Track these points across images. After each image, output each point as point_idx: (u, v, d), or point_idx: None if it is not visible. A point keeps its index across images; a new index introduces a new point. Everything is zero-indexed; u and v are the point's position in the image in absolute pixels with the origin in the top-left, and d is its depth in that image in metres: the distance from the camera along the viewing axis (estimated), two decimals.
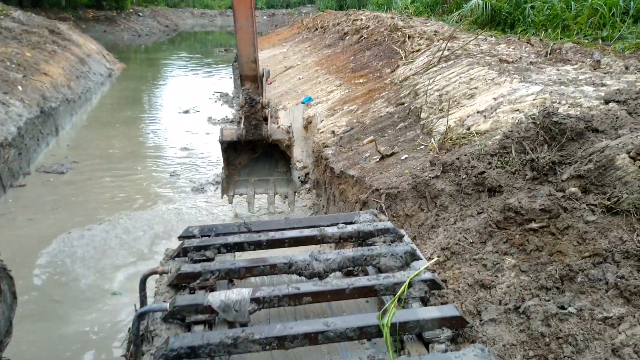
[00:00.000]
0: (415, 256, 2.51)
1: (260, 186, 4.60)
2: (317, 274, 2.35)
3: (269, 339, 1.94)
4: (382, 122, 5.92)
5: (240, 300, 2.06)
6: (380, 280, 2.25)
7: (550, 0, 10.87)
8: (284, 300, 2.14)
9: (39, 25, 13.43)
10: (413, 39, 8.72)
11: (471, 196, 4.06)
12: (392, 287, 2.24)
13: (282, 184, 4.60)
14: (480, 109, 4.95)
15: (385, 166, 4.76)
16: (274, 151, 4.46)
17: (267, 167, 4.62)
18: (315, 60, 11.31)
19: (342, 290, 2.21)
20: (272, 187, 4.59)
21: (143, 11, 32.33)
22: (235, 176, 4.57)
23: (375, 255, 2.44)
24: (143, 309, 2.06)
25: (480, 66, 5.95)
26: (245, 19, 3.38)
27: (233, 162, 4.48)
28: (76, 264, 5.03)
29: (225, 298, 2.07)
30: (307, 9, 39.24)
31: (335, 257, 2.40)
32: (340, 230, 2.79)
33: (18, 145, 7.03)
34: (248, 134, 4.02)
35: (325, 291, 2.21)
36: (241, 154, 4.48)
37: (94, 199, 6.54)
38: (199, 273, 2.26)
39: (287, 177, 4.63)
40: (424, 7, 16.78)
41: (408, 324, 2.05)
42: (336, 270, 2.41)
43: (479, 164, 4.10)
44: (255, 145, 4.37)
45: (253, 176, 4.59)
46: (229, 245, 2.56)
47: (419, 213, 4.14)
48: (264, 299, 2.11)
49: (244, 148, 4.39)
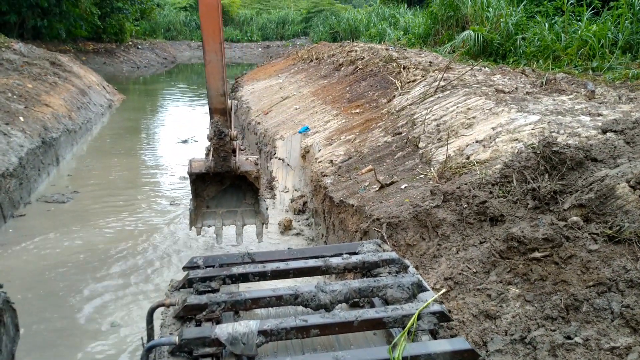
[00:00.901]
0: (422, 287, 2.49)
1: (229, 217, 4.59)
2: (324, 305, 2.33)
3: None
4: (380, 152, 5.97)
5: (248, 333, 2.03)
6: (389, 313, 2.23)
7: (541, 32, 11.12)
8: (291, 332, 2.11)
9: (40, 57, 13.58)
10: (408, 69, 8.86)
11: (473, 225, 4.08)
12: (401, 320, 2.21)
13: (250, 215, 4.61)
14: (479, 138, 5.01)
15: (384, 195, 4.78)
16: (242, 183, 4.46)
17: (235, 198, 4.62)
18: (311, 90, 11.44)
19: (350, 323, 2.18)
20: (240, 219, 4.58)
21: (142, 44, 32.75)
22: (204, 208, 4.55)
23: (382, 286, 2.43)
24: (152, 342, 2.04)
25: (477, 96, 6.04)
26: (215, 53, 3.44)
27: (201, 193, 4.49)
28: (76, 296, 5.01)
29: (232, 331, 2.05)
30: (301, 40, 39.82)
31: (341, 289, 2.39)
32: (345, 261, 2.78)
33: (19, 175, 7.05)
34: (217, 166, 4.04)
35: (333, 324, 2.18)
36: (209, 185, 4.48)
37: (95, 229, 6.52)
38: (205, 305, 2.25)
39: (255, 209, 4.62)
40: (416, 38, 17.08)
41: (419, 358, 2.01)
42: (342, 301, 2.39)
43: (480, 193, 4.13)
44: (224, 177, 4.37)
45: (221, 208, 4.58)
46: (234, 276, 2.55)
47: (421, 242, 4.15)
48: (272, 331, 2.08)
49: (212, 180, 4.39)
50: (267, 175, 8.50)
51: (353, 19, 26.80)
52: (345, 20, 27.30)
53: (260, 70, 19.17)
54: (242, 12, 47.27)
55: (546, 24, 11.10)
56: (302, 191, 7.09)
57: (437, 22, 16.16)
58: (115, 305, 4.87)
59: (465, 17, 14.90)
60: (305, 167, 7.24)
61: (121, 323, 4.59)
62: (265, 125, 10.02)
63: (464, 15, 14.86)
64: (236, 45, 41.95)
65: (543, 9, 13.59)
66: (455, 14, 15.18)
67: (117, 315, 4.70)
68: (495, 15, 13.42)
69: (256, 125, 10.47)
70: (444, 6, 15.46)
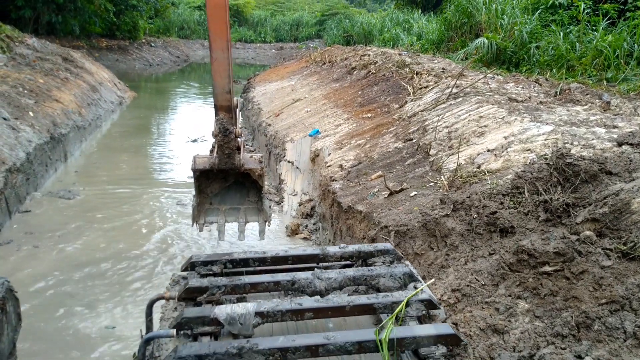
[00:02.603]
0: (413, 278, 2.57)
1: (231, 215, 4.59)
2: (319, 292, 2.41)
3: (272, 350, 2.02)
4: (391, 158, 5.90)
5: (245, 314, 2.15)
6: (379, 299, 2.33)
7: (555, 41, 11.04)
8: (286, 315, 2.22)
9: (52, 53, 13.65)
10: (421, 75, 8.78)
11: (482, 236, 4.00)
12: (391, 306, 2.31)
13: (253, 213, 4.61)
14: (491, 147, 4.92)
15: (394, 202, 4.71)
16: (246, 180, 4.47)
17: (238, 195, 4.63)
18: (323, 93, 11.39)
19: (342, 308, 2.29)
20: (243, 216, 4.58)
21: (155, 41, 32.89)
22: (207, 204, 4.56)
23: (375, 275, 2.51)
24: (150, 334, 2.09)
25: (489, 104, 5.96)
26: (221, 51, 3.46)
27: (205, 190, 4.48)
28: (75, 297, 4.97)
29: (230, 311, 2.16)
30: (314, 43, 39.80)
31: (336, 277, 2.48)
32: (342, 250, 2.90)
33: (26, 171, 7.04)
34: (221, 163, 4.04)
35: (326, 307, 2.29)
36: (213, 182, 4.48)
37: (99, 227, 6.48)
38: (206, 288, 2.33)
39: (258, 206, 4.63)
40: (429, 44, 17.00)
41: (405, 340, 2.12)
42: (337, 288, 2.46)
43: (491, 204, 4.05)
44: (227, 174, 4.38)
45: (224, 205, 4.58)
46: (234, 260, 2.64)
47: (429, 252, 4.07)
48: (268, 313, 2.19)
49: (216, 176, 4.39)
50: (276, 177, 8.45)
51: (367, 23, 26.74)
52: (359, 24, 27.24)
53: (272, 72, 19.16)
54: (257, 13, 47.38)
55: (561, 33, 11.01)
56: (310, 195, 7.02)
57: (450, 28, 16.09)
58: (114, 307, 4.82)
59: (479, 24, 14.85)
60: (315, 171, 7.18)
61: (117, 325, 4.54)
62: (275, 127, 9.97)
63: (478, 22, 14.80)
64: (249, 46, 42.04)
65: (558, 18, 13.49)
66: (469, 21, 15.11)
67: (115, 317, 4.66)
68: (510, 23, 13.34)
69: (267, 127, 10.43)
70: (458, 13, 15.39)
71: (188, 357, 1.95)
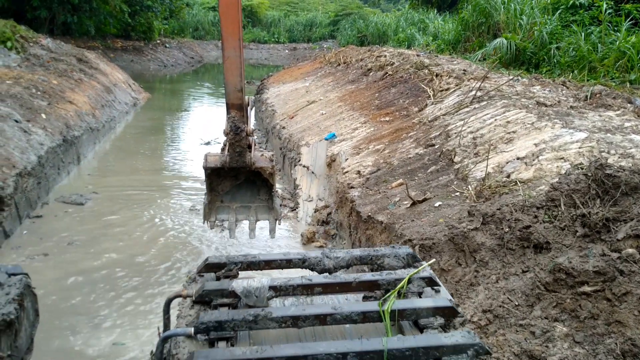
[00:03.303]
0: (416, 258, 2.67)
1: (242, 213, 4.61)
2: (328, 269, 2.55)
3: (285, 318, 2.18)
4: (412, 164, 5.65)
5: (260, 288, 2.33)
6: (384, 276, 2.46)
7: (577, 42, 10.87)
8: (297, 289, 2.38)
9: (67, 54, 13.58)
10: (441, 77, 8.52)
11: (515, 252, 3.75)
12: (394, 282, 2.43)
13: (263, 211, 4.62)
14: (521, 155, 4.67)
15: (417, 213, 4.47)
16: (257, 178, 4.48)
17: (249, 194, 4.65)
18: (338, 95, 11.17)
19: (349, 283, 2.42)
20: (254, 214, 4.60)
21: (170, 42, 32.88)
22: (218, 202, 4.56)
23: (380, 255, 2.64)
24: (167, 333, 2.18)
25: (517, 109, 5.69)
26: (233, 49, 3.46)
27: (216, 188, 4.48)
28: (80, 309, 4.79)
29: (247, 285, 2.33)
30: (328, 43, 39.59)
31: (344, 256, 2.60)
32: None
33: (37, 175, 6.90)
34: (232, 161, 4.05)
35: (334, 283, 2.43)
36: (224, 180, 4.49)
37: (110, 234, 6.30)
38: (224, 264, 2.51)
39: (268, 205, 4.63)
40: (445, 44, 16.77)
41: (405, 311, 2.25)
42: (344, 267, 2.60)
43: (524, 217, 3.80)
44: (239, 172, 4.38)
45: (235, 203, 4.59)
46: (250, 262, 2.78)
47: (456, 268, 3.83)
48: (281, 287, 2.35)
49: (227, 174, 4.40)
50: (290, 182, 8.24)
51: (382, 23, 26.45)
52: (374, 25, 26.95)
53: (286, 73, 18.97)
54: (270, 13, 47.29)
55: (582, 34, 10.80)
56: (326, 201, 6.80)
57: (467, 28, 15.89)
58: (123, 321, 4.61)
59: (498, 24, 14.69)
60: (331, 176, 6.96)
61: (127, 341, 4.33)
62: (290, 130, 9.76)
63: (496, 22, 14.64)
64: (263, 47, 41.93)
65: (578, 18, 13.26)
66: (487, 21, 14.93)
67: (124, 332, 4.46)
68: (529, 23, 13.15)
69: (281, 129, 10.22)
70: (475, 12, 15.19)
71: (209, 322, 2.12)
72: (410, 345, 2.09)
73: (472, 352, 2.09)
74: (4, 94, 8.10)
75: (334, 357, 2.07)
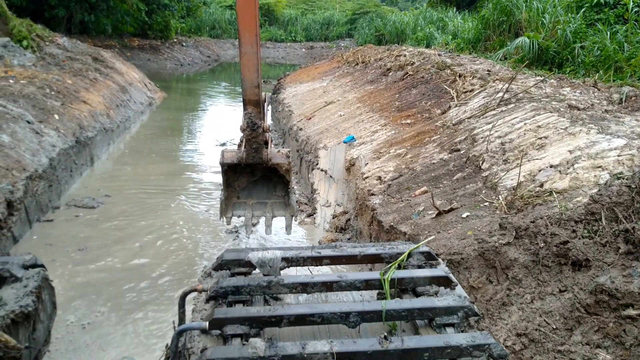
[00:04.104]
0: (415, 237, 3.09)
1: (258, 209, 4.64)
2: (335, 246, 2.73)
3: (295, 284, 2.36)
4: (436, 171, 5.36)
5: (274, 259, 2.52)
6: (386, 250, 2.65)
7: (602, 41, 10.56)
8: (307, 260, 2.58)
9: (82, 53, 13.47)
10: (464, 78, 8.20)
11: (551, 269, 3.46)
12: (396, 256, 2.63)
13: (279, 208, 4.65)
14: (554, 162, 4.36)
15: (443, 224, 4.19)
16: (273, 175, 4.49)
17: (265, 190, 4.68)
18: (357, 96, 10.88)
19: (355, 256, 2.62)
20: (270, 210, 4.62)
21: (187, 41, 32.83)
22: (234, 198, 4.58)
23: None
24: (182, 326, 2.20)
25: (547, 112, 5.37)
26: (250, 45, 3.48)
27: (232, 184, 4.54)
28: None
29: (262, 256, 2.53)
30: (345, 42, 39.31)
31: None
32: None
33: (49, 177, 6.72)
34: (249, 157, 4.09)
35: (340, 256, 2.62)
36: (241, 176, 4.52)
37: (122, 240, 6.07)
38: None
39: (285, 201, 4.64)
40: (465, 43, 16.46)
41: (404, 280, 2.45)
42: None
43: (561, 231, 3.50)
44: (255, 168, 4.41)
45: (251, 199, 4.62)
46: None
47: (487, 285, 3.55)
48: (292, 258, 2.55)
49: (243, 171, 4.43)
50: (307, 186, 7.99)
51: (400, 21, 26.05)
52: (392, 23, 26.57)
53: (303, 72, 18.72)
54: (287, 12, 47.10)
55: (608, 33, 10.48)
56: (345, 207, 6.54)
57: (488, 27, 15.61)
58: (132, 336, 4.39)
59: (519, 22, 14.42)
60: (350, 181, 6.69)
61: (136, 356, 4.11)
62: (307, 131, 9.51)
63: (518, 20, 14.36)
64: (280, 45, 41.75)
65: (603, 17, 12.96)
66: (509, 19, 14.67)
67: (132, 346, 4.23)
68: (552, 21, 12.82)
69: (298, 131, 9.97)
70: (496, 11, 14.90)
71: (227, 287, 2.30)
72: (407, 307, 2.27)
73: (462, 313, 2.29)
74: (17, 94, 7.96)
75: (338, 316, 2.21)
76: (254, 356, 1.97)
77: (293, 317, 2.16)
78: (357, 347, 2.03)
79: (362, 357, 2.02)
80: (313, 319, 2.19)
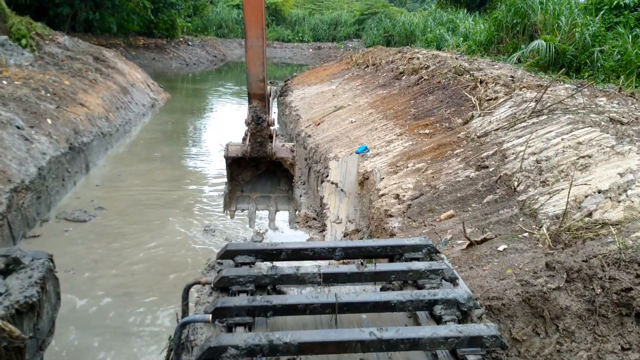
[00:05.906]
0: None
1: (262, 203, 4.60)
2: None
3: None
4: (462, 190, 4.81)
5: None
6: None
7: (623, 45, 10.06)
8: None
9: (83, 52, 13.00)
10: (486, 84, 7.64)
11: (610, 321, 2.92)
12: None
13: (283, 202, 4.61)
14: (603, 187, 3.80)
15: (476, 258, 3.64)
16: (277, 169, 4.45)
17: (269, 184, 4.64)
18: (368, 101, 10.34)
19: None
20: (274, 204, 4.60)
21: (192, 40, 32.36)
22: (238, 192, 4.48)
23: None
24: (186, 319, 2.18)
25: (587, 126, 4.81)
26: (256, 39, 3.49)
27: (236, 177, 4.41)
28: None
29: None
30: (353, 43, 38.82)
31: None
32: None
33: (37, 188, 6.20)
34: (253, 151, 4.04)
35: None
36: (245, 170, 4.45)
37: (112, 260, 5.54)
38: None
39: (288, 195, 4.61)
40: (477, 45, 15.97)
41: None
42: None
43: (621, 275, 2.96)
44: (259, 162, 4.36)
45: (255, 192, 4.57)
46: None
47: (533, 338, 3.00)
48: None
49: (247, 164, 4.37)
50: (317, 200, 7.45)
51: (409, 22, 25.46)
52: (401, 24, 25.98)
53: (311, 74, 18.18)
54: (295, 12, 46.60)
55: (630, 36, 10.01)
56: (357, 224, 6.00)
57: (501, 29, 15.21)
58: None
59: (534, 25, 14.02)
60: (363, 196, 6.15)
61: None
62: (316, 138, 8.96)
63: (533, 23, 13.96)
64: (287, 45, 41.27)
65: (623, 20, 12.49)
66: (523, 22, 14.27)
67: None
68: (569, 24, 12.35)
69: (306, 137, 9.42)
70: (510, 13, 14.46)
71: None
72: (382, 244, 2.64)
73: (426, 250, 2.64)
74: (8, 96, 7.46)
75: (326, 251, 2.61)
76: (259, 274, 2.34)
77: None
78: (340, 270, 2.47)
79: (343, 277, 2.46)
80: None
